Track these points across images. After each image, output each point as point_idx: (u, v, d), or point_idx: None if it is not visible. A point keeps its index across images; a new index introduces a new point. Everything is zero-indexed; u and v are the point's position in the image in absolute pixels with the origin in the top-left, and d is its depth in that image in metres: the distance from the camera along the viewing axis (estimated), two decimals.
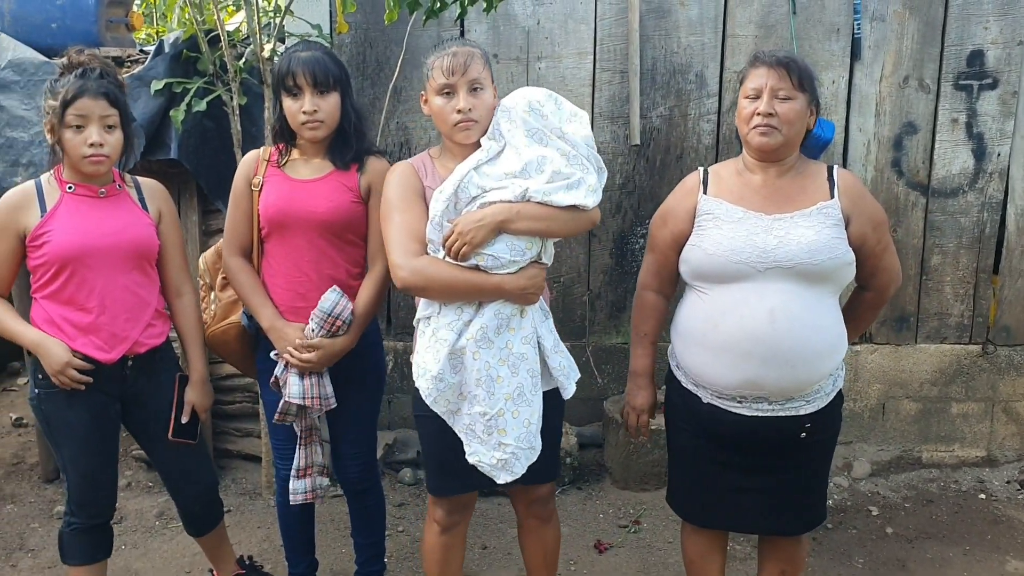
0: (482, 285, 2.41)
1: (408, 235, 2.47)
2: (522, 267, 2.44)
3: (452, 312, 2.45)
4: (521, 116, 2.45)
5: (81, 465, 2.74)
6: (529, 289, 2.44)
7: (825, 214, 2.45)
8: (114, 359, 2.68)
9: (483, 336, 2.41)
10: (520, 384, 2.43)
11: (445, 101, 2.49)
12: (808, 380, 2.45)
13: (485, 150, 2.47)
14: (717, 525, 2.72)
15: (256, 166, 2.83)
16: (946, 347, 4.31)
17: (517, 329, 2.46)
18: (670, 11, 4.05)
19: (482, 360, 2.41)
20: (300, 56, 2.70)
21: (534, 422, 2.46)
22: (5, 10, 3.82)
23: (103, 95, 2.57)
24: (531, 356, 2.46)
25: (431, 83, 2.52)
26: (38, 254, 2.62)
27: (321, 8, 3.89)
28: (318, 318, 2.70)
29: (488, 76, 2.53)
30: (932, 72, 4.09)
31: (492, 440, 2.44)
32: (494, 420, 2.42)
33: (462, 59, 2.47)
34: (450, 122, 2.49)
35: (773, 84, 2.43)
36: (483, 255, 2.40)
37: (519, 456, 2.44)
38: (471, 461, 2.47)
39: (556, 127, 2.45)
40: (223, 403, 4.01)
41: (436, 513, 2.72)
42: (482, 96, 2.49)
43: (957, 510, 3.96)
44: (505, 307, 2.44)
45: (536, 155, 2.42)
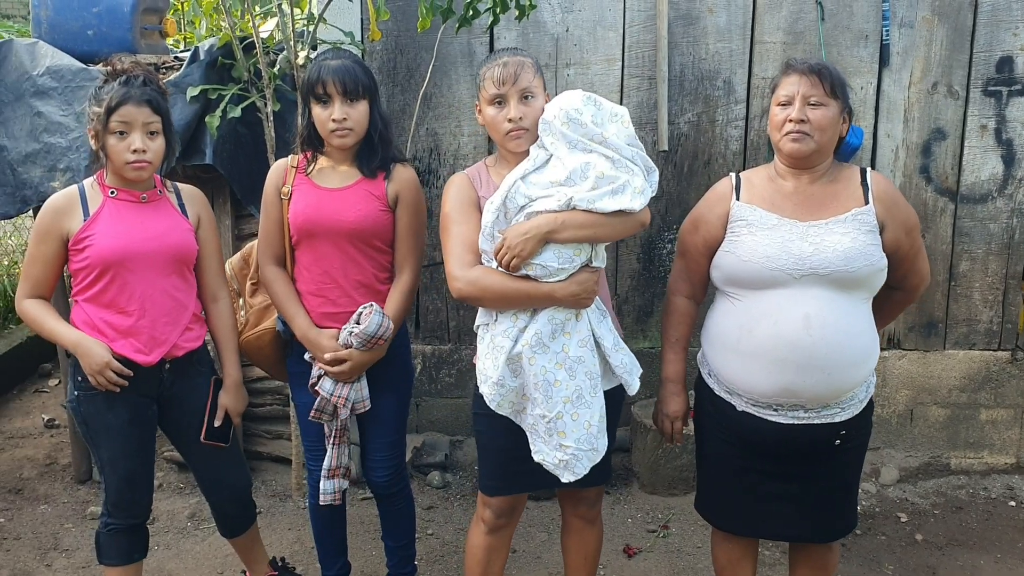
0: (533, 293, 2.44)
1: (463, 246, 2.52)
2: (572, 273, 2.46)
3: (508, 319, 2.48)
4: (560, 129, 2.46)
5: (119, 466, 2.78)
6: (581, 294, 2.46)
7: (860, 220, 2.45)
8: (153, 362, 2.72)
9: (538, 341, 2.44)
10: (578, 387, 2.45)
11: (497, 110, 2.54)
12: (843, 387, 2.46)
13: (532, 159, 2.50)
14: (748, 532, 2.73)
15: (285, 175, 2.86)
16: (975, 353, 4.30)
17: (572, 333, 2.48)
18: (698, 18, 4.06)
19: (538, 365, 2.44)
20: (330, 64, 2.72)
21: (595, 423, 2.47)
22: (43, 18, 3.87)
23: (146, 102, 2.61)
24: (588, 358, 2.48)
25: (483, 93, 2.56)
26: (80, 257, 2.66)
27: (353, 16, 3.93)
28: (361, 339, 2.74)
29: (540, 84, 2.57)
30: (961, 78, 4.08)
31: (553, 441, 2.47)
32: (553, 423, 2.45)
33: (512, 69, 2.51)
34: (502, 131, 2.54)
35: (805, 91, 2.43)
36: (532, 265, 2.42)
37: (580, 457, 2.47)
38: (536, 459, 2.51)
39: (597, 133, 2.45)
40: (254, 405, 4.03)
41: (485, 513, 2.75)
42: (533, 104, 2.53)
43: (987, 517, 3.94)
44: (559, 312, 2.47)
45: (580, 162, 2.43)
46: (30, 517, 3.88)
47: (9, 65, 3.77)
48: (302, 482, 3.88)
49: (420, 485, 4.09)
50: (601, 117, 2.49)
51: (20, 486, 4.13)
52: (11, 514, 3.90)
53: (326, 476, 2.91)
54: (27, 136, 3.73)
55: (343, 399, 2.81)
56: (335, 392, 2.81)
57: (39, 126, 3.72)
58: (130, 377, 2.69)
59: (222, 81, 3.65)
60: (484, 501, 2.75)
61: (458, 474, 4.21)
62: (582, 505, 2.81)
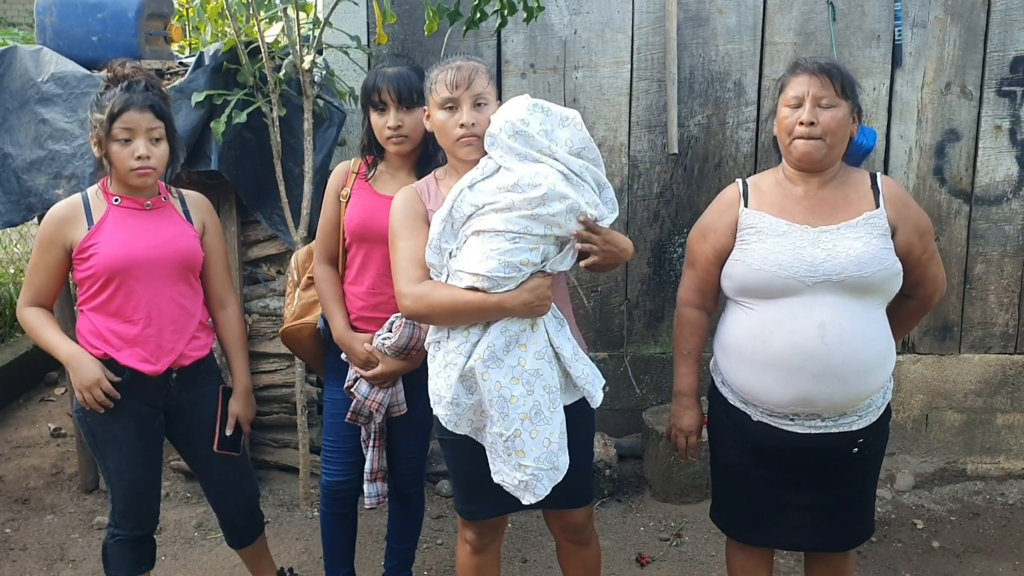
0: (483, 305, 2.31)
1: (410, 262, 2.42)
2: (523, 281, 2.32)
3: (460, 334, 2.36)
4: (506, 142, 2.35)
5: (126, 477, 2.75)
6: (533, 303, 2.32)
7: (872, 224, 2.40)
8: (160, 371, 2.69)
9: (491, 355, 2.31)
10: (536, 402, 2.32)
11: (448, 116, 2.44)
12: (860, 395, 2.41)
13: (480, 168, 2.39)
14: (764, 542, 2.68)
15: (346, 178, 2.90)
16: (990, 357, 4.24)
17: (528, 344, 2.34)
18: (708, 19, 4.02)
19: (492, 380, 2.31)
20: (386, 72, 2.76)
21: (555, 440, 2.34)
22: (47, 24, 3.85)
23: (149, 107, 2.58)
24: (546, 371, 2.35)
25: (433, 97, 2.47)
26: (85, 266, 2.63)
27: (359, 19, 3.90)
28: (393, 351, 2.75)
29: (493, 92, 2.48)
30: (974, 78, 4.03)
31: (512, 461, 2.35)
32: (511, 441, 2.32)
33: (466, 73, 2.42)
34: (452, 137, 2.44)
35: (815, 92, 2.38)
36: (478, 277, 2.29)
37: (540, 477, 2.33)
38: (496, 480, 2.39)
39: (545, 145, 2.34)
40: (260, 414, 3.99)
41: (467, 535, 2.68)
42: (486, 112, 2.44)
43: (1005, 523, 3.89)
44: (513, 323, 2.33)
45: (530, 171, 2.31)
46: (36, 527, 3.85)
47: (13, 72, 3.75)
48: (310, 491, 3.85)
49: (429, 494, 4.04)
50: (550, 124, 2.38)
51: (27, 496, 4.10)
52: (17, 524, 3.87)
53: (369, 479, 2.94)
54: (32, 143, 3.71)
55: (377, 403, 2.83)
56: (370, 396, 2.83)
57: (44, 133, 3.69)
58: (135, 386, 2.66)
59: (227, 86, 3.62)
60: (464, 524, 2.67)
61: None
62: (570, 531, 2.69)
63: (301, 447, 3.84)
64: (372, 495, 2.95)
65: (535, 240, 2.31)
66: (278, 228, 3.79)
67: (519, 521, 3.82)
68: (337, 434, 2.98)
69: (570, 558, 2.77)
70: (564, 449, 2.37)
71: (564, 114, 2.41)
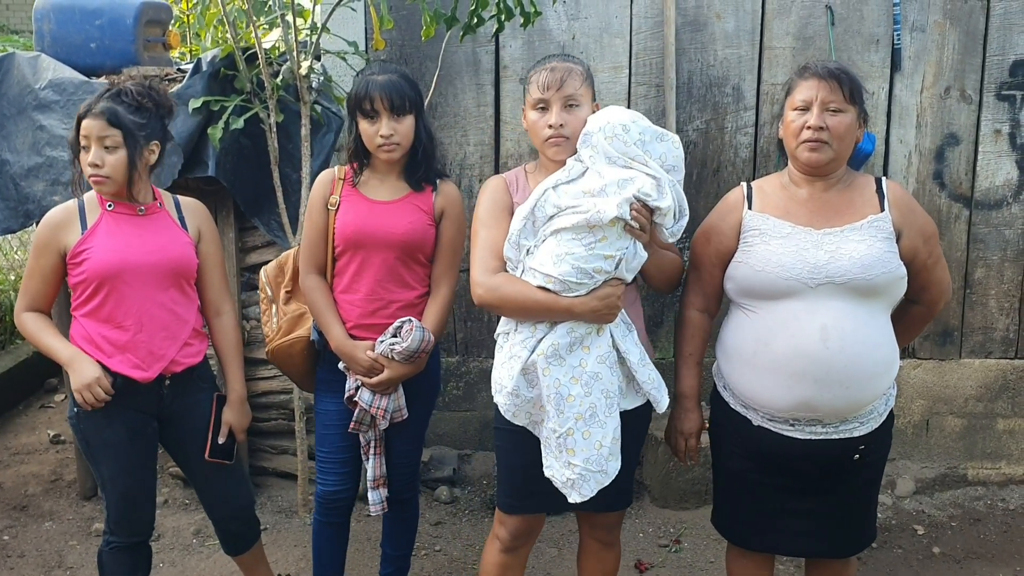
0: (553, 307, 2.38)
1: (490, 252, 2.48)
2: (594, 288, 2.38)
3: (527, 329, 2.42)
4: (601, 143, 2.39)
5: (120, 483, 2.74)
6: (602, 310, 2.38)
7: (876, 227, 2.40)
8: (151, 378, 2.69)
9: (554, 353, 2.37)
10: (593, 404, 2.37)
11: (539, 116, 2.49)
12: (862, 401, 2.40)
13: (566, 170, 2.44)
14: (765, 548, 2.67)
15: (332, 186, 2.87)
16: (991, 362, 4.22)
17: (592, 347, 2.40)
18: (706, 24, 4.01)
19: (552, 377, 2.36)
20: (377, 79, 2.74)
21: (606, 444, 2.38)
22: (45, 31, 3.85)
23: (101, 114, 2.57)
24: (606, 376, 2.40)
25: (528, 97, 2.53)
26: (78, 271, 2.63)
27: (357, 25, 3.89)
28: (404, 355, 2.73)
29: (587, 93, 2.52)
30: (974, 82, 4.02)
31: (563, 458, 2.39)
32: (563, 439, 2.37)
33: (559, 75, 2.47)
34: (542, 137, 2.49)
35: (824, 96, 2.37)
36: (551, 279, 2.35)
37: (587, 478, 2.37)
38: (546, 473, 2.44)
39: (639, 153, 2.38)
40: (258, 420, 3.99)
41: (500, 531, 2.68)
42: (577, 113, 2.48)
43: (1006, 529, 3.87)
44: (580, 325, 2.39)
45: (618, 177, 2.36)
46: (35, 534, 3.84)
47: (11, 79, 3.75)
48: (307, 498, 3.84)
49: (428, 500, 4.03)
50: (649, 135, 2.42)
51: (25, 503, 4.09)
52: (16, 531, 3.86)
53: (372, 487, 2.92)
54: (29, 150, 3.71)
55: (382, 410, 2.82)
56: (373, 403, 2.81)
57: (41, 140, 3.70)
58: (127, 393, 2.66)
59: (225, 92, 3.62)
60: (500, 519, 2.68)
61: (466, 489, 4.15)
62: (600, 528, 2.74)
63: (299, 453, 3.83)
64: (376, 502, 2.94)
65: (611, 248, 2.35)
66: (276, 234, 3.78)
67: None
68: (331, 444, 2.96)
69: (591, 559, 2.79)
70: (616, 455, 2.41)
71: (664, 133, 2.45)
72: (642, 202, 2.35)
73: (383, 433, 2.91)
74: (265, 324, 3.04)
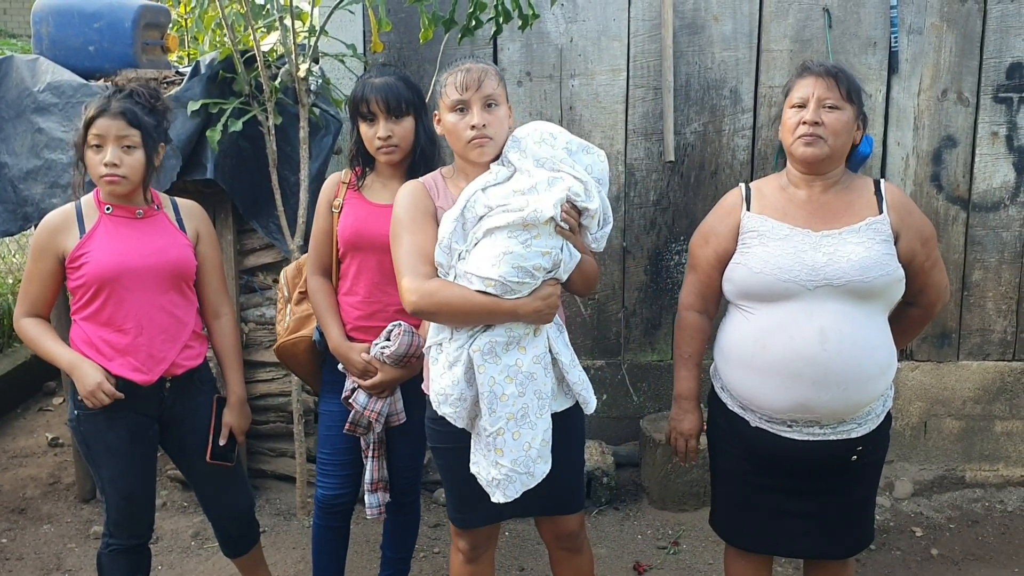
0: (495, 310, 2.30)
1: (418, 257, 2.39)
2: (535, 288, 2.33)
3: (464, 335, 2.36)
4: (531, 147, 2.37)
5: (120, 486, 2.74)
6: (544, 310, 2.34)
7: (875, 230, 2.40)
8: (151, 380, 2.68)
9: (490, 350, 2.31)
10: (525, 405, 2.32)
11: (459, 118, 2.42)
12: (860, 402, 2.40)
13: (494, 173, 2.39)
14: (763, 549, 2.67)
15: (336, 189, 2.89)
16: (989, 364, 4.23)
17: (528, 348, 2.35)
18: (704, 27, 4.02)
19: (486, 375, 2.31)
20: (373, 82, 2.75)
21: (535, 446, 2.34)
22: (44, 34, 3.85)
23: (121, 114, 2.57)
24: (540, 376, 2.36)
25: (444, 100, 2.46)
26: (77, 275, 2.63)
27: (355, 28, 3.90)
28: (393, 360, 2.73)
29: (503, 93, 2.47)
30: (971, 85, 4.03)
31: (491, 457, 2.35)
32: (492, 438, 2.32)
33: (476, 75, 2.41)
34: (464, 139, 2.42)
35: (821, 93, 2.38)
36: (491, 281, 2.28)
37: (513, 480, 2.32)
38: (472, 470, 2.39)
39: (567, 159, 2.37)
40: (257, 423, 3.99)
41: (460, 544, 2.66)
42: (496, 113, 2.43)
43: (1004, 531, 3.87)
44: (517, 326, 2.34)
45: (547, 177, 2.33)
46: (33, 537, 3.84)
47: (10, 81, 3.75)
48: (306, 500, 3.84)
49: (427, 502, 4.03)
50: (576, 146, 2.41)
51: (23, 506, 4.09)
52: (14, 534, 3.86)
53: (369, 490, 2.92)
54: (28, 153, 3.71)
55: (376, 413, 2.82)
56: (368, 406, 2.81)
57: (40, 142, 3.69)
58: (128, 396, 2.66)
59: (223, 95, 3.62)
60: (457, 533, 2.65)
61: None
62: (563, 538, 2.67)
63: (298, 456, 3.83)
64: (373, 505, 2.94)
65: (546, 243, 2.32)
66: (274, 237, 3.78)
67: (516, 530, 3.81)
68: (333, 446, 2.96)
69: (562, 566, 2.75)
70: (544, 458, 2.37)
71: (587, 145, 2.45)
72: (571, 203, 2.33)
73: (382, 437, 2.91)
74: (279, 323, 3.07)
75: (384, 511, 2.97)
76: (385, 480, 2.95)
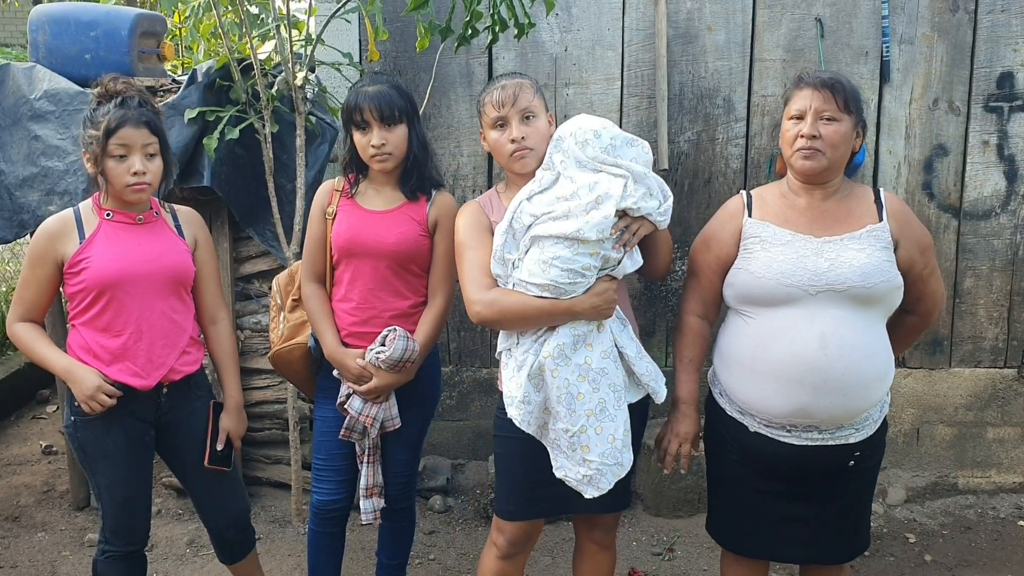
0: (553, 311, 2.41)
1: (479, 271, 2.52)
2: (590, 286, 2.42)
3: (529, 338, 2.46)
4: (571, 147, 2.44)
5: (117, 492, 2.74)
6: (601, 306, 2.43)
7: (875, 237, 2.42)
8: (150, 386, 2.69)
9: (560, 353, 2.40)
10: (602, 399, 2.41)
11: (500, 133, 2.55)
12: (859, 408, 2.42)
13: (537, 180, 2.48)
14: (760, 554, 2.68)
15: (330, 196, 2.91)
16: (981, 371, 4.26)
17: (595, 344, 2.44)
18: (697, 36, 4.05)
19: (561, 377, 2.40)
20: (366, 91, 2.77)
21: (619, 437, 2.43)
22: (40, 42, 3.86)
23: (144, 124, 2.59)
24: (612, 370, 2.45)
25: (484, 118, 2.58)
26: (76, 280, 2.63)
27: (351, 36, 3.92)
28: (387, 364, 2.75)
29: (540, 104, 2.57)
30: (962, 94, 4.07)
31: (576, 456, 2.42)
32: (576, 437, 2.41)
33: (511, 90, 2.53)
34: (506, 153, 2.54)
35: (818, 106, 2.40)
36: (544, 286, 2.38)
37: (604, 472, 2.42)
38: (558, 475, 2.47)
39: (609, 158, 2.43)
40: (252, 430, 3.98)
41: (498, 539, 2.70)
42: (535, 124, 2.54)
43: (996, 537, 3.89)
44: (580, 324, 2.43)
45: (589, 180, 2.41)
46: (27, 545, 3.83)
47: (6, 89, 3.76)
48: (302, 507, 3.83)
49: (422, 509, 4.03)
50: (620, 141, 2.47)
51: (17, 513, 4.08)
52: (8, 542, 3.85)
53: (364, 495, 2.93)
54: (24, 160, 3.71)
55: (371, 418, 2.83)
56: (363, 411, 2.82)
57: (36, 150, 3.70)
58: (126, 401, 2.66)
59: (220, 103, 3.64)
60: (499, 526, 2.70)
61: (460, 498, 4.16)
62: (598, 530, 2.77)
63: (293, 463, 3.83)
64: (368, 511, 2.94)
65: (593, 245, 2.38)
66: (270, 244, 3.79)
67: None
68: (328, 452, 2.97)
69: (587, 562, 2.81)
70: (628, 446, 2.47)
71: (630, 138, 2.50)
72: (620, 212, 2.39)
73: (378, 442, 2.91)
74: (273, 331, 3.08)
75: (379, 517, 2.98)
76: (380, 486, 2.96)
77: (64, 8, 3.92)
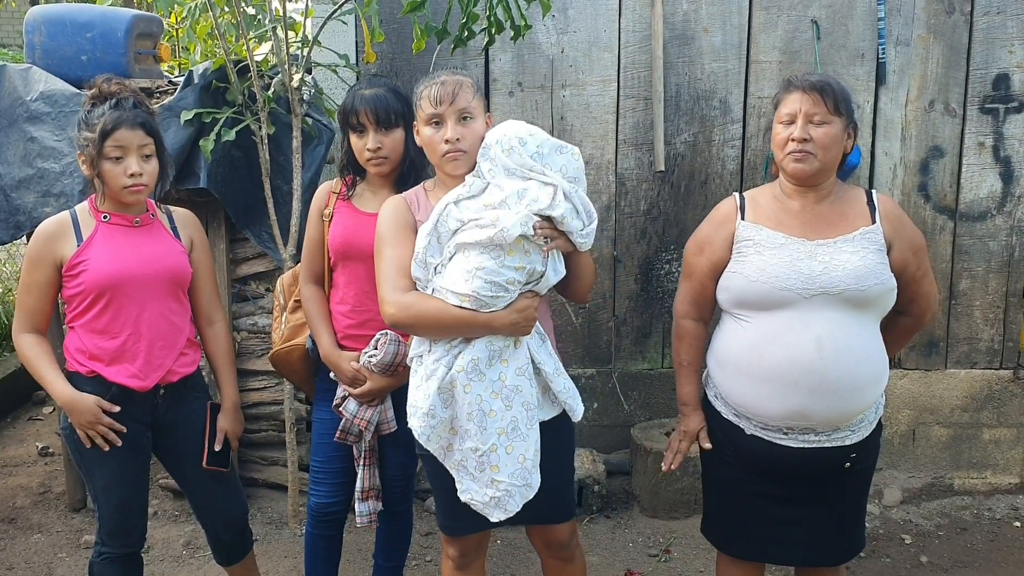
0: (471, 322, 2.32)
1: (397, 271, 2.42)
2: (511, 301, 2.34)
3: (442, 348, 2.37)
4: (499, 155, 2.36)
5: (113, 494, 2.74)
6: (520, 323, 2.35)
7: (868, 239, 2.43)
8: (148, 387, 2.69)
9: (474, 368, 2.32)
10: (514, 418, 2.33)
11: (434, 131, 2.45)
12: (855, 410, 2.43)
13: (467, 186, 2.40)
14: (755, 557, 2.68)
15: (327, 198, 2.91)
16: (976, 372, 4.27)
17: (510, 360, 2.36)
18: (693, 38, 4.06)
19: (473, 393, 2.32)
20: (363, 94, 2.77)
21: (529, 458, 2.35)
22: (36, 43, 3.86)
23: (140, 125, 2.59)
24: (526, 388, 2.37)
25: (420, 112, 2.48)
26: (75, 283, 2.63)
27: (348, 38, 3.92)
28: (379, 368, 2.74)
29: (479, 106, 2.48)
30: (958, 96, 4.08)
31: (484, 477, 2.34)
32: (486, 456, 2.32)
33: (450, 88, 2.43)
34: (438, 152, 2.45)
35: (807, 109, 2.41)
36: (466, 297, 2.30)
37: (513, 493, 2.34)
38: (463, 499, 2.39)
39: (537, 166, 2.36)
40: (249, 432, 3.98)
41: (449, 551, 2.66)
42: (472, 126, 2.44)
43: (992, 538, 3.90)
44: (497, 339, 2.35)
45: (517, 188, 2.33)
46: (23, 547, 3.83)
47: (2, 90, 3.75)
48: (298, 509, 3.83)
49: (419, 511, 4.03)
50: (548, 148, 2.39)
51: (13, 515, 4.08)
52: (4, 544, 3.85)
53: (360, 498, 2.92)
54: (20, 161, 3.71)
55: (366, 421, 2.82)
56: (358, 414, 2.82)
57: (32, 151, 3.70)
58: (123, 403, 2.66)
59: (216, 104, 3.64)
60: (446, 540, 2.64)
61: None
62: (555, 547, 2.67)
63: (290, 465, 3.83)
64: (364, 513, 2.94)
65: (519, 259, 2.32)
66: (267, 245, 3.79)
67: (508, 537, 3.82)
68: (325, 455, 2.97)
69: (555, 574, 2.76)
70: (537, 467, 2.38)
71: (559, 144, 2.42)
72: (541, 216, 2.32)
73: (373, 445, 2.91)
74: (275, 331, 3.09)
75: (375, 519, 2.97)
76: (377, 488, 2.95)
77: (60, 9, 3.92)
